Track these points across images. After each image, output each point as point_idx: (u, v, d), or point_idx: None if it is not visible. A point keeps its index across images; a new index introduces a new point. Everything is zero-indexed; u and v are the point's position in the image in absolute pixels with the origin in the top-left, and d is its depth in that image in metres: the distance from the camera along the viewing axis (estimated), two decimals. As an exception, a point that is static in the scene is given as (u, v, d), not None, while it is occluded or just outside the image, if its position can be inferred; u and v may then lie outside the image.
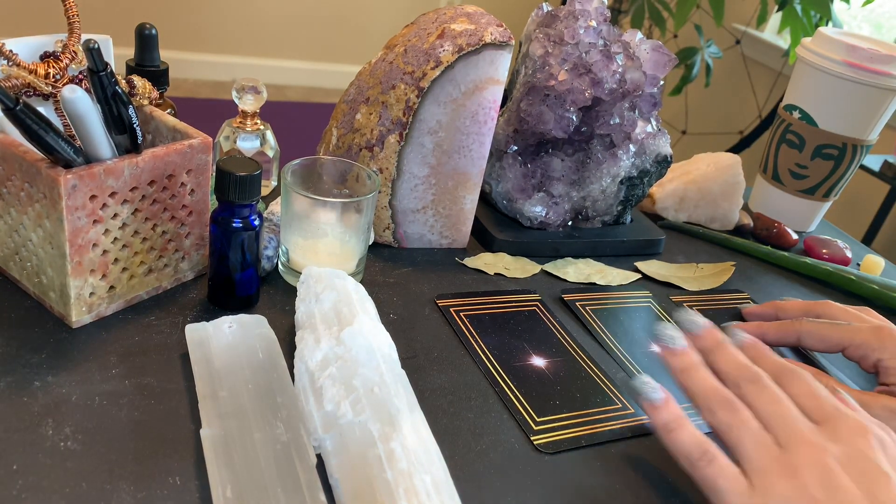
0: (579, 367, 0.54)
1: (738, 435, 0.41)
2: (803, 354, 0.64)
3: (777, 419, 0.41)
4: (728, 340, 0.46)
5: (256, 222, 0.50)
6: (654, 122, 0.71)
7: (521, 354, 0.54)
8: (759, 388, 0.42)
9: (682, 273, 0.72)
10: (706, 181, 0.82)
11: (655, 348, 0.46)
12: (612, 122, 0.68)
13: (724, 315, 0.67)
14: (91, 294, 0.48)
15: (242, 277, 0.52)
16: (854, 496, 0.37)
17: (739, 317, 0.67)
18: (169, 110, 0.61)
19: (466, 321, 0.57)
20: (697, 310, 0.66)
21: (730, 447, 0.41)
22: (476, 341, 0.55)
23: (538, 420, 0.48)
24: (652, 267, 0.72)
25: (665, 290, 0.69)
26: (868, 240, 1.85)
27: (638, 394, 0.44)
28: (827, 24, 1.75)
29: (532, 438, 0.47)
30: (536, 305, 0.60)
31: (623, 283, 0.68)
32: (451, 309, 0.58)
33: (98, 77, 0.43)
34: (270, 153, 0.68)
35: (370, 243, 0.63)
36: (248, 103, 0.65)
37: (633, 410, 0.51)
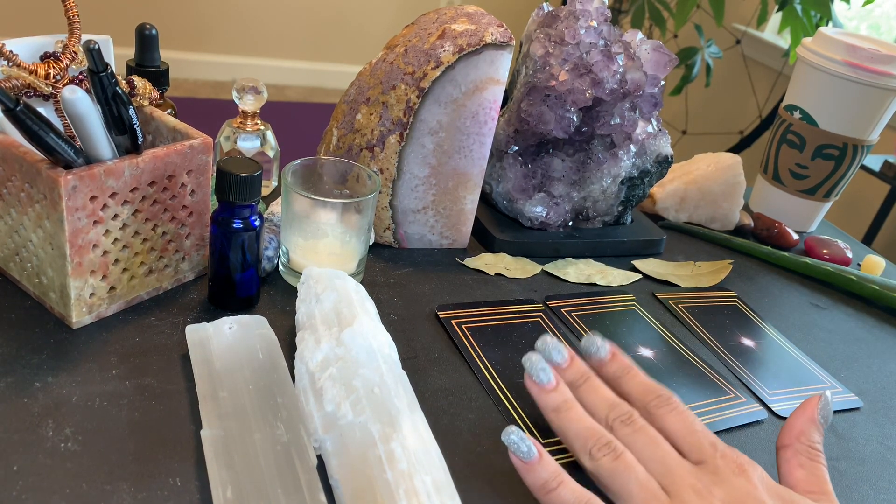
0: None
1: (624, 483, 0.39)
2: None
3: (658, 465, 0.40)
4: (591, 373, 0.45)
5: (257, 223, 0.50)
6: (654, 123, 0.71)
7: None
8: (634, 430, 0.42)
9: (680, 271, 0.72)
10: (707, 181, 0.82)
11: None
12: (612, 123, 0.68)
13: (709, 312, 0.66)
14: (91, 295, 0.48)
15: (243, 278, 0.52)
16: None
17: (725, 314, 0.67)
18: (169, 110, 0.61)
19: (468, 333, 0.55)
20: (683, 306, 0.66)
21: (614, 493, 0.40)
22: (478, 355, 0.53)
23: (543, 442, 0.47)
24: (650, 265, 0.72)
25: (659, 289, 0.69)
26: (868, 240, 1.85)
27: (525, 373, 0.44)
28: (827, 24, 1.75)
29: None
30: (540, 316, 0.60)
31: (624, 283, 0.68)
32: (453, 321, 0.57)
33: (98, 77, 0.43)
34: (271, 153, 0.68)
35: (370, 244, 0.63)
36: (249, 103, 0.65)
37: None
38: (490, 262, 0.66)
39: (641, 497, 0.39)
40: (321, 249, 0.56)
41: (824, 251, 0.81)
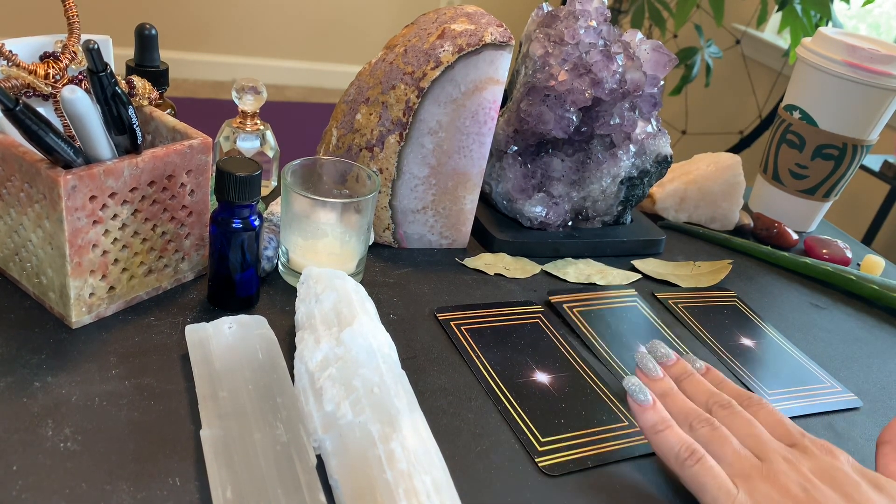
0: (584, 382, 0.53)
1: (720, 447, 0.43)
2: None
3: (752, 439, 0.44)
4: (693, 371, 0.50)
5: (256, 223, 0.50)
6: (654, 122, 0.71)
7: (524, 370, 0.53)
8: (732, 412, 0.46)
9: (680, 271, 0.72)
10: (706, 181, 0.82)
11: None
12: (612, 123, 0.68)
13: (708, 312, 0.67)
14: (91, 294, 0.48)
15: (242, 278, 0.52)
16: (831, 497, 0.40)
17: (724, 313, 0.67)
18: (169, 110, 0.61)
19: (467, 335, 0.55)
20: (683, 306, 0.66)
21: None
22: (478, 357, 0.53)
23: (542, 440, 0.47)
24: (650, 265, 0.72)
25: (659, 289, 0.69)
26: (868, 240, 1.85)
27: (627, 394, 0.46)
28: (827, 24, 1.75)
29: (537, 460, 0.45)
30: (539, 317, 0.60)
31: (623, 283, 0.68)
32: (452, 322, 0.57)
33: (98, 77, 0.43)
34: (270, 153, 0.68)
35: (370, 244, 0.63)
36: (248, 103, 0.65)
37: (639, 428, 0.50)
38: (490, 262, 0.66)
39: (735, 459, 0.42)
40: (321, 249, 0.56)
41: (824, 251, 0.81)
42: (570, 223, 0.73)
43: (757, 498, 0.40)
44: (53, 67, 0.49)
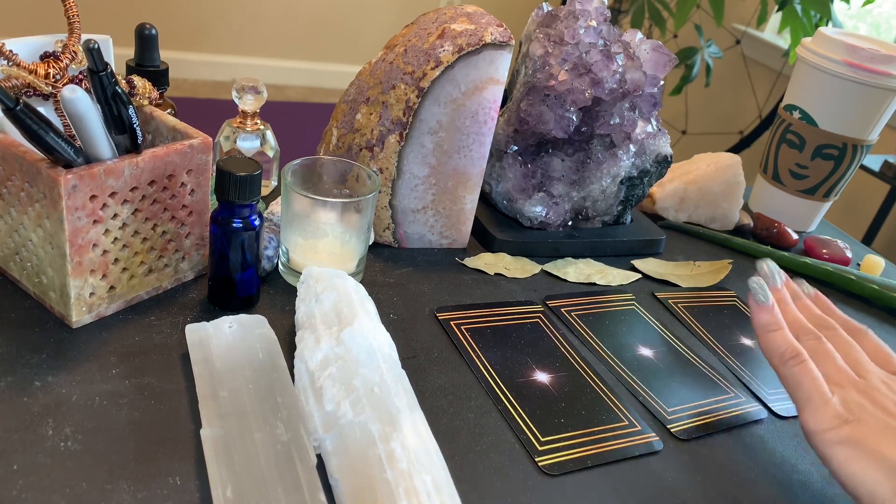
0: (584, 381, 0.53)
1: (822, 359, 0.47)
2: None
3: (853, 359, 0.47)
4: (803, 295, 0.54)
5: (256, 222, 0.50)
6: (654, 122, 0.71)
7: (524, 370, 0.53)
8: (836, 335, 0.49)
9: (679, 271, 0.72)
10: (706, 181, 0.82)
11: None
12: (612, 122, 0.68)
13: (708, 312, 0.67)
14: (91, 294, 0.48)
15: (242, 277, 0.52)
16: None
17: (724, 313, 0.67)
18: (169, 110, 0.61)
19: (467, 335, 0.55)
20: (683, 306, 0.66)
21: None
22: (478, 356, 0.53)
23: (542, 440, 0.47)
24: (649, 265, 0.72)
25: (659, 289, 0.69)
26: (868, 240, 1.85)
27: (750, 292, 0.51)
28: (827, 24, 1.75)
29: (537, 460, 0.45)
30: (539, 317, 0.60)
31: (623, 283, 0.68)
32: (452, 322, 0.57)
33: (98, 77, 0.43)
34: (270, 153, 0.68)
35: (370, 243, 0.63)
36: (248, 103, 0.65)
37: (639, 428, 0.50)
38: (490, 262, 0.66)
39: (835, 372, 0.46)
40: (321, 249, 0.56)
41: (824, 251, 0.81)
42: (570, 223, 0.73)
43: (850, 405, 0.43)
44: (54, 67, 0.49)
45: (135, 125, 0.46)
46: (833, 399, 0.44)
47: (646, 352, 0.59)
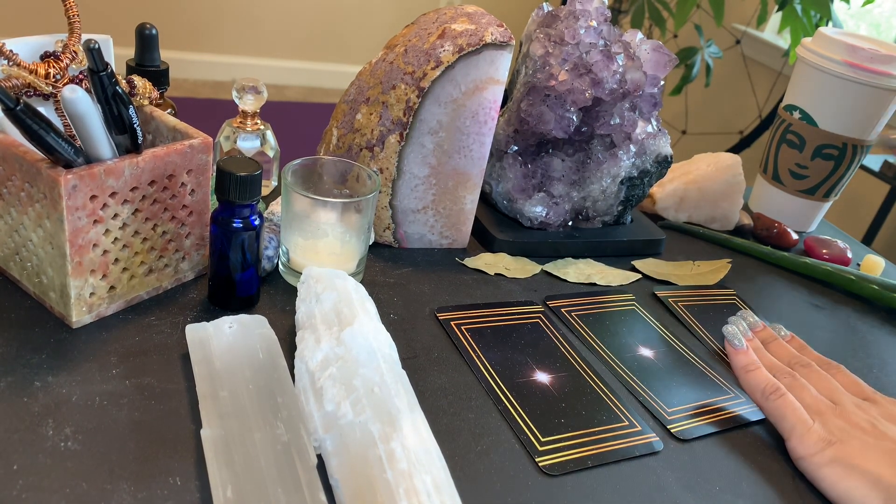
0: (584, 382, 0.53)
1: (799, 391, 0.51)
2: None
3: (827, 391, 0.52)
4: (777, 337, 0.59)
5: (257, 222, 0.50)
6: (654, 122, 0.71)
7: (524, 370, 0.53)
8: (811, 371, 0.54)
9: (679, 270, 0.72)
10: (706, 181, 0.82)
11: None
12: (612, 123, 0.68)
13: (709, 310, 0.67)
14: (91, 294, 0.48)
15: (243, 277, 0.52)
16: (894, 432, 0.48)
17: (724, 312, 0.67)
18: (169, 110, 0.61)
19: (468, 335, 0.55)
20: (683, 305, 0.66)
21: None
22: (478, 356, 0.53)
23: (542, 440, 0.47)
24: (649, 265, 0.72)
25: (660, 288, 0.69)
26: (868, 240, 1.85)
27: (725, 339, 0.56)
28: (827, 24, 1.75)
29: (537, 460, 0.45)
30: (539, 317, 0.60)
31: (623, 283, 0.68)
32: (452, 322, 0.57)
33: (98, 77, 0.43)
34: (270, 153, 0.68)
35: (370, 243, 0.63)
36: (248, 103, 0.65)
37: (639, 428, 0.50)
38: (490, 262, 0.66)
39: (812, 402, 0.50)
40: (321, 249, 0.56)
41: (824, 251, 0.81)
42: (570, 223, 0.73)
43: (830, 429, 0.48)
44: (54, 67, 0.49)
45: (135, 125, 0.46)
46: (815, 425, 0.48)
47: (646, 352, 0.59)
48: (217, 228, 0.50)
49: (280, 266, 0.58)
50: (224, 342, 0.47)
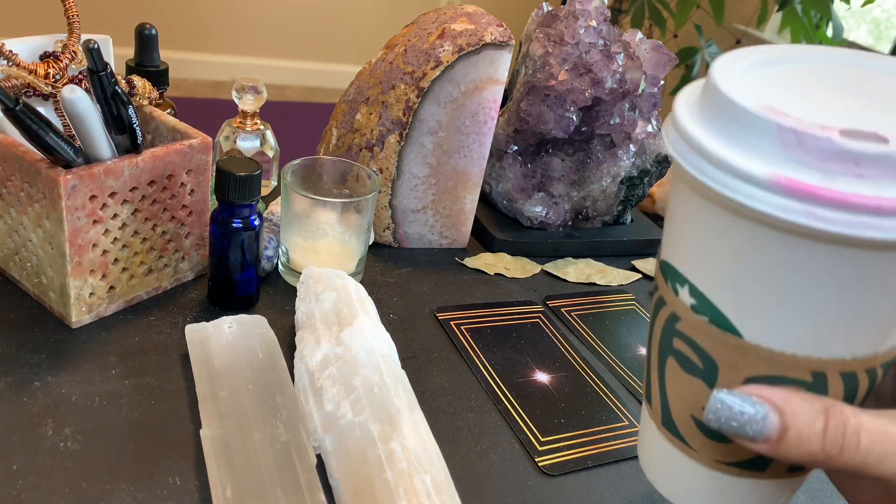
0: (584, 382, 0.53)
1: None
2: None
3: None
4: None
5: (256, 222, 0.50)
6: (654, 122, 0.71)
7: (524, 370, 0.53)
8: None
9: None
10: (706, 181, 0.81)
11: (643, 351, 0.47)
12: (612, 122, 0.68)
13: None
14: (91, 294, 0.48)
15: (242, 277, 0.52)
16: None
17: None
18: (169, 110, 0.61)
19: (467, 335, 0.55)
20: None
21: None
22: (477, 356, 0.53)
23: (542, 440, 0.47)
24: (650, 265, 0.72)
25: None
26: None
27: None
28: (827, 25, 1.75)
29: (537, 460, 0.45)
30: (539, 317, 0.60)
31: (623, 283, 0.68)
32: (452, 322, 0.57)
33: (98, 77, 0.43)
34: (270, 153, 0.68)
35: (370, 243, 0.63)
36: (248, 103, 0.65)
37: (639, 428, 0.50)
38: (490, 262, 0.66)
39: None
40: (321, 249, 0.56)
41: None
42: (570, 223, 0.73)
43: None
44: (53, 67, 0.49)
45: (134, 125, 0.46)
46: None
47: (646, 352, 0.58)
48: (217, 228, 0.50)
49: (280, 266, 0.58)
50: (223, 342, 0.47)
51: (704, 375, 0.27)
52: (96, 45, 0.41)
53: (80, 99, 0.42)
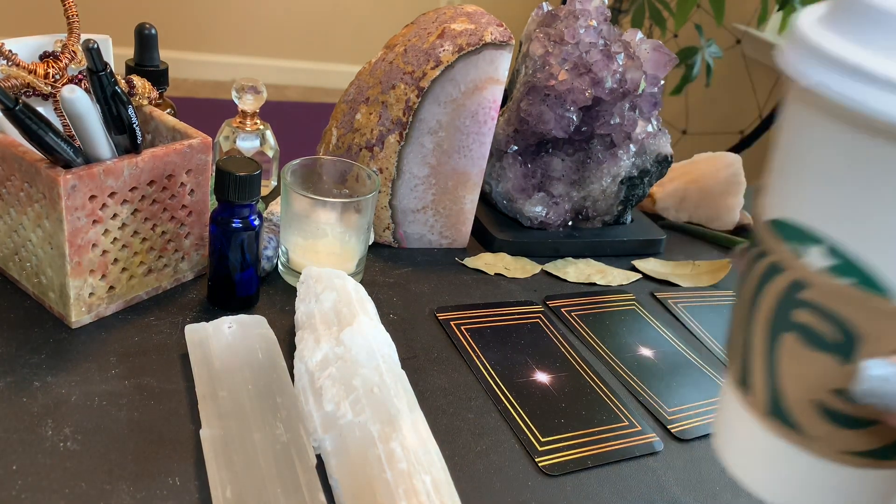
0: (584, 382, 0.53)
1: None
2: None
3: None
4: None
5: (256, 222, 0.50)
6: (654, 122, 0.71)
7: (524, 370, 0.53)
8: None
9: (679, 270, 0.72)
10: (707, 181, 0.82)
11: (644, 352, 0.45)
12: (612, 122, 0.68)
13: (709, 311, 0.66)
14: (90, 294, 0.48)
15: (242, 278, 0.52)
16: None
17: (724, 313, 0.67)
18: (169, 110, 0.61)
19: (467, 335, 0.55)
20: (682, 306, 0.66)
21: None
22: (478, 356, 0.53)
23: (542, 440, 0.47)
24: (649, 265, 0.72)
25: (659, 289, 0.69)
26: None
27: None
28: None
29: (537, 460, 0.45)
30: (539, 317, 0.60)
31: (623, 283, 0.68)
32: (452, 322, 0.57)
33: (97, 77, 0.43)
34: (270, 153, 0.68)
35: (370, 243, 0.63)
36: (248, 103, 0.65)
37: (639, 428, 0.50)
38: (490, 262, 0.66)
39: None
40: (321, 249, 0.56)
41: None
42: (570, 223, 0.73)
43: None
44: (53, 67, 0.49)
45: (134, 125, 0.45)
46: None
47: (646, 352, 0.58)
48: (216, 228, 0.50)
49: (279, 266, 0.58)
50: (223, 342, 0.47)
51: (841, 349, 0.23)
52: (96, 45, 0.41)
53: (79, 99, 0.42)
